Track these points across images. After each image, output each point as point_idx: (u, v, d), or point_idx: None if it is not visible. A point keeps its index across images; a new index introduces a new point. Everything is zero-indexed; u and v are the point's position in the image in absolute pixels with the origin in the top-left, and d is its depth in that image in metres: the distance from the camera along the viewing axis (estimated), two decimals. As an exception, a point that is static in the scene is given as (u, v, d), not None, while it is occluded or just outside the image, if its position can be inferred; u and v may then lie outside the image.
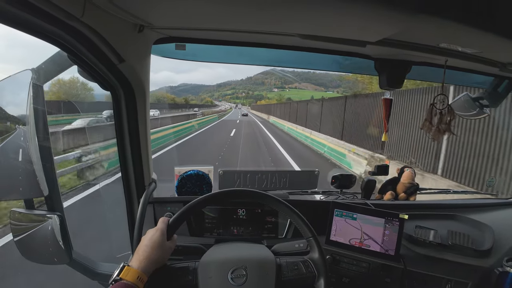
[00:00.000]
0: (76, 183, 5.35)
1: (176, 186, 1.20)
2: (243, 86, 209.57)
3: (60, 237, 0.85)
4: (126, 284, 0.63)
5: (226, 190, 0.85)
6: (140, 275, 0.66)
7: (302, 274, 0.78)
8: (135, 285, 0.64)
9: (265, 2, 0.67)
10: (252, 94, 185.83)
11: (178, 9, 0.76)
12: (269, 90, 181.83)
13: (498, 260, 0.97)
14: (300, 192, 1.33)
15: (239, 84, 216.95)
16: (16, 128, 0.83)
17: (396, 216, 0.95)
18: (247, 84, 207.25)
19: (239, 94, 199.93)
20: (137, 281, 0.65)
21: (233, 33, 0.94)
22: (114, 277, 0.65)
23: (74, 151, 6.39)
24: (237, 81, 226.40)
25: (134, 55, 0.87)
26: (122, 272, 0.65)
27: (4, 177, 0.85)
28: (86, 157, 6.05)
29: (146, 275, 0.68)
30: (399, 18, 0.70)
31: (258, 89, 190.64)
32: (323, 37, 0.88)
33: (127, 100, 0.93)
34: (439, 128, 1.09)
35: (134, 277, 0.65)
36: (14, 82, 0.84)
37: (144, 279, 0.67)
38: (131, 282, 0.64)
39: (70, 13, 0.60)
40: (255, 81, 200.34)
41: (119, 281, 0.64)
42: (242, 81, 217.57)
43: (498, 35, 0.73)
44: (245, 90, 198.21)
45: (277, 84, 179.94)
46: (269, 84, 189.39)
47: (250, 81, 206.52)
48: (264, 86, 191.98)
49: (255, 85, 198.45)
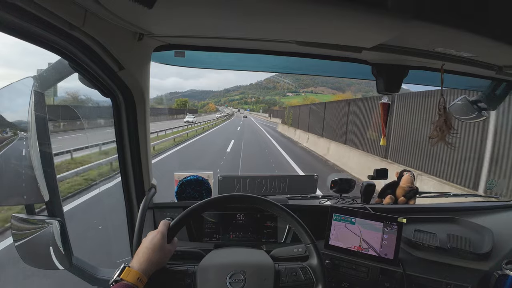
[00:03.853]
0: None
1: (175, 191, 1.21)
2: (252, 90, 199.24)
3: (61, 243, 0.85)
4: (127, 285, 0.64)
5: (228, 195, 0.86)
6: (140, 276, 0.67)
7: (300, 281, 0.79)
8: (135, 286, 0.65)
9: (261, 11, 0.69)
10: (263, 99, 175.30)
11: (177, 18, 0.78)
12: (282, 95, 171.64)
13: (497, 263, 0.97)
14: (300, 197, 1.33)
15: (248, 88, 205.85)
16: (18, 135, 0.84)
17: (394, 220, 0.95)
18: (257, 88, 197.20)
19: (248, 99, 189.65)
20: (137, 282, 0.66)
21: (231, 41, 0.96)
22: (115, 278, 0.66)
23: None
24: (245, 85, 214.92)
25: (134, 62, 0.89)
26: (123, 273, 0.66)
27: (5, 183, 0.86)
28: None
29: (146, 276, 0.69)
30: (394, 24, 0.71)
31: (269, 94, 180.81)
32: (319, 43, 0.90)
33: (127, 107, 0.94)
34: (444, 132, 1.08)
35: (135, 278, 0.66)
36: (16, 89, 0.86)
37: (144, 280, 0.68)
38: (131, 283, 0.65)
39: (71, 23, 0.62)
40: (265, 85, 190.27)
41: (119, 281, 0.65)
42: (251, 85, 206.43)
43: (493, 39, 0.74)
44: (254, 94, 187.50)
45: (290, 88, 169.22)
46: (281, 88, 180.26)
47: (260, 86, 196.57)
48: (276, 90, 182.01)
49: (265, 89, 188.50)
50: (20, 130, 0.85)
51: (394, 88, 1.13)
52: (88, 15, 0.64)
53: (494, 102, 1.32)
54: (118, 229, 2.19)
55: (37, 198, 0.84)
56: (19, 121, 0.86)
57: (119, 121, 0.96)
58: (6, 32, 0.58)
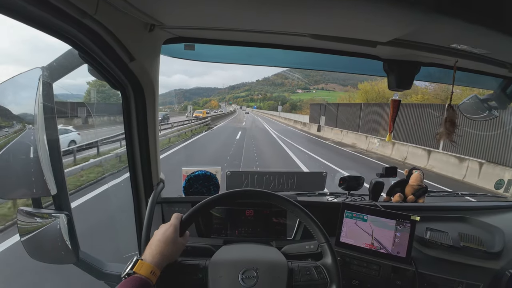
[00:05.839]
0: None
1: (183, 186, 1.20)
2: (259, 87, 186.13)
3: (68, 237, 0.84)
4: (140, 278, 0.63)
5: (242, 190, 0.84)
6: (153, 270, 0.65)
7: (314, 280, 0.77)
8: (148, 279, 0.63)
9: (275, 2, 0.67)
10: (270, 96, 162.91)
11: (189, 8, 0.76)
12: (292, 91, 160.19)
13: (508, 262, 0.97)
14: (308, 193, 1.32)
15: (255, 85, 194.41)
16: (26, 127, 0.83)
17: (407, 218, 0.94)
18: (264, 85, 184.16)
19: (254, 96, 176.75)
20: (150, 275, 0.64)
21: (242, 33, 0.94)
22: (128, 271, 0.64)
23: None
24: (251, 82, 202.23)
25: (145, 54, 0.87)
26: (136, 265, 0.64)
27: (12, 176, 0.84)
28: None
29: (159, 269, 0.67)
30: (412, 18, 0.70)
31: (277, 91, 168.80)
32: (333, 37, 0.88)
33: (137, 99, 0.93)
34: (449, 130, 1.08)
35: (148, 271, 0.64)
36: (24, 79, 0.84)
37: (157, 273, 0.66)
38: (144, 276, 0.63)
39: (84, 10, 0.60)
40: (273, 81, 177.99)
41: (132, 275, 0.63)
42: (258, 82, 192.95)
43: (508, 36, 0.73)
44: (261, 91, 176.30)
45: (300, 84, 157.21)
46: (290, 84, 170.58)
47: (267, 82, 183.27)
48: (284, 87, 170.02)
49: (273, 86, 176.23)
50: (27, 123, 0.83)
51: (406, 85, 1.12)
52: (101, 2, 0.62)
53: (504, 101, 1.31)
54: (124, 223, 2.15)
55: (44, 192, 0.83)
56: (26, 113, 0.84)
57: (128, 114, 0.94)
58: (19, 19, 0.57)
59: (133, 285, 0.61)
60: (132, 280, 0.62)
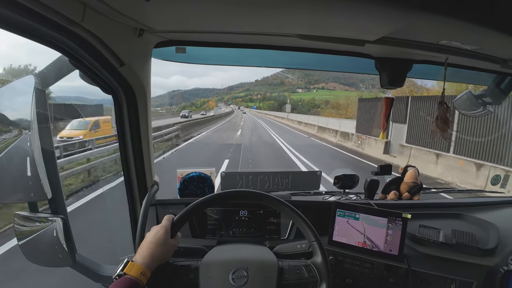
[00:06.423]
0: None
1: (178, 188, 1.21)
2: (258, 87, 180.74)
3: (64, 240, 0.86)
4: (130, 279, 0.64)
5: (232, 191, 0.85)
6: (143, 271, 0.67)
7: (304, 279, 0.78)
8: (138, 280, 0.65)
9: (260, 3, 0.68)
10: (270, 96, 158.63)
11: (177, 12, 0.77)
12: (292, 91, 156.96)
13: (503, 259, 0.96)
14: (303, 193, 1.32)
15: (253, 85, 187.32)
16: (22, 133, 0.84)
17: (399, 216, 0.94)
18: (263, 85, 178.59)
19: (253, 96, 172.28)
20: (140, 276, 0.66)
21: (231, 35, 0.95)
22: (118, 272, 0.66)
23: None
24: (250, 82, 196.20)
25: (135, 58, 0.88)
26: (126, 267, 0.66)
27: (9, 180, 0.86)
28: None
29: (149, 271, 0.69)
30: (398, 16, 0.70)
31: (276, 90, 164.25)
32: (321, 37, 0.89)
33: (129, 103, 0.94)
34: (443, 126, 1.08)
35: (138, 272, 0.66)
36: (17, 87, 0.86)
37: (147, 274, 0.68)
38: (134, 277, 0.65)
39: (70, 18, 0.61)
40: (272, 81, 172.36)
41: (123, 276, 0.65)
42: (257, 82, 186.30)
43: (497, 31, 0.73)
44: (260, 91, 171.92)
45: (300, 84, 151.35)
46: (289, 84, 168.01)
47: (266, 82, 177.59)
48: (284, 86, 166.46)
49: (272, 85, 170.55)
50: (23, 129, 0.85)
51: (398, 83, 1.12)
52: (87, 10, 0.63)
53: (499, 97, 1.30)
54: (120, 225, 2.18)
55: (41, 196, 0.84)
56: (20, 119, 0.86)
57: (120, 118, 0.96)
58: (6, 29, 0.58)
59: (123, 286, 0.62)
60: (122, 281, 0.63)
